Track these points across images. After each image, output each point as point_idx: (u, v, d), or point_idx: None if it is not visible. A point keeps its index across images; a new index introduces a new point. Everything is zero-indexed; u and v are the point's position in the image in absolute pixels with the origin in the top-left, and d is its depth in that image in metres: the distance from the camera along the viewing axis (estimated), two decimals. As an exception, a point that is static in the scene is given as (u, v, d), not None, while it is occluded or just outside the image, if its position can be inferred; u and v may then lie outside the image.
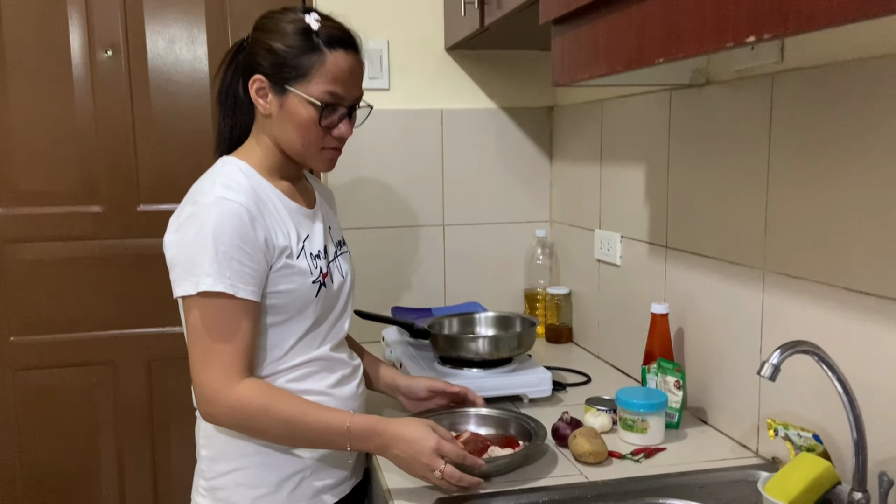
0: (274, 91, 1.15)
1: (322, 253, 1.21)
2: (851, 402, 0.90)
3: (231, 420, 1.09)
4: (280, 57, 1.13)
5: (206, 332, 1.06)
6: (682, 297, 1.44)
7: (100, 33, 1.93)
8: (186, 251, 1.07)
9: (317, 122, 1.14)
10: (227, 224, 1.06)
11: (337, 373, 1.23)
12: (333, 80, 1.13)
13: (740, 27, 0.76)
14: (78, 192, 1.96)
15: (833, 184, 1.04)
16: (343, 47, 1.14)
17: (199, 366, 1.08)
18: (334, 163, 1.22)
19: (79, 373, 2.01)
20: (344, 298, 1.28)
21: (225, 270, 1.05)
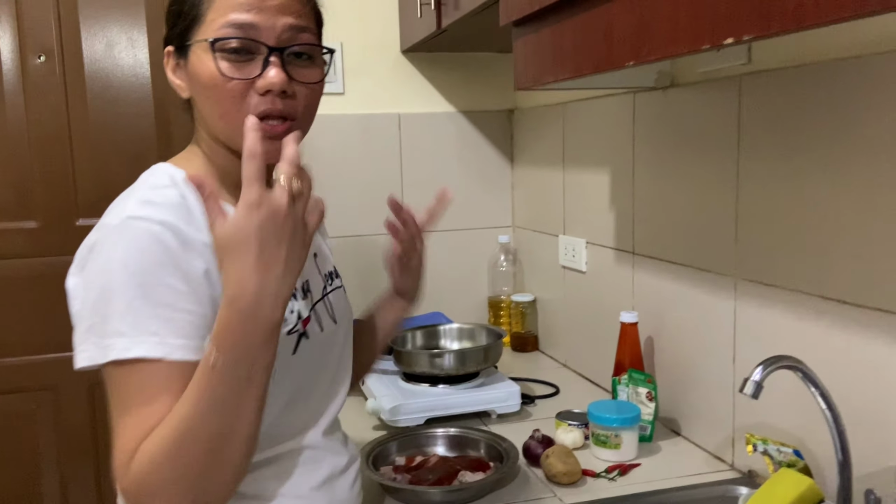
0: (181, 57, 0.84)
1: (301, 291, 0.90)
2: (836, 419, 0.87)
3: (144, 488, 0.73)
4: (173, 12, 0.85)
5: (124, 407, 0.75)
6: (652, 305, 1.40)
7: (32, 37, 1.80)
8: (90, 299, 0.76)
9: (216, 70, 0.79)
10: (144, 253, 0.75)
11: (326, 468, 0.90)
12: (233, 6, 0.79)
13: (718, 28, 0.72)
14: (11, 206, 1.83)
15: (806, 188, 1.01)
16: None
17: (113, 447, 0.76)
18: (277, 144, 0.76)
19: (17, 399, 1.88)
20: (339, 353, 0.96)
21: (146, 324, 0.74)
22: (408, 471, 1.16)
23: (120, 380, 0.74)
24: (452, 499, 1.08)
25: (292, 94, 0.81)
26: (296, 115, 0.82)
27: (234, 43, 0.79)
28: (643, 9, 0.83)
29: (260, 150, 0.70)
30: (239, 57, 0.79)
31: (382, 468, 1.18)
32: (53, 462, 1.93)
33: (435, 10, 1.55)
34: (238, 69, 0.79)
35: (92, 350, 0.75)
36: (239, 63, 0.80)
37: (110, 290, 0.74)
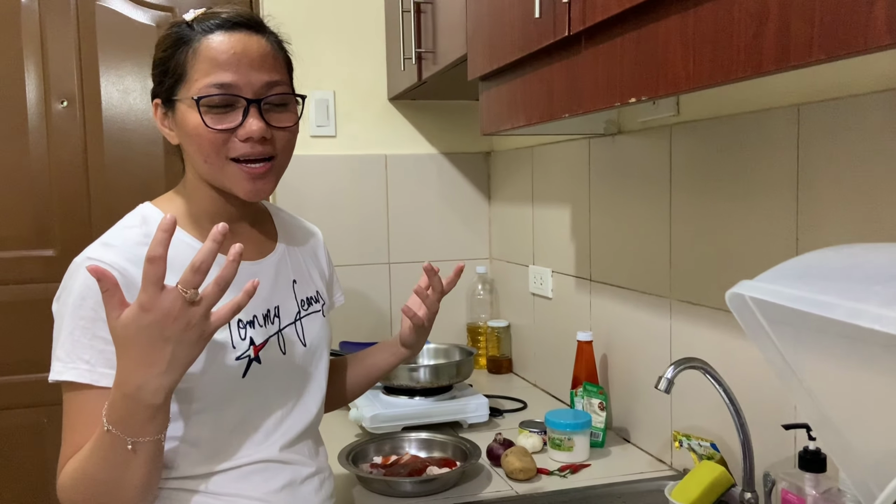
0: (168, 110, 0.94)
1: (261, 318, 0.96)
2: (737, 410, 1.04)
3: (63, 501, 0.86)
4: (158, 67, 0.94)
5: (65, 424, 0.86)
6: (605, 325, 1.57)
7: (56, 85, 2.01)
8: (55, 327, 0.88)
9: (202, 124, 0.89)
10: (90, 290, 0.83)
11: (286, 476, 0.97)
12: (215, 65, 0.89)
13: (625, 90, 0.91)
14: (31, 236, 2.02)
15: (719, 221, 1.20)
16: (223, 28, 0.91)
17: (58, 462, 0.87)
18: (259, 182, 0.92)
19: (30, 414, 2.03)
20: (303, 376, 1.01)
21: (81, 352, 0.84)
22: (383, 467, 1.32)
23: (64, 399, 0.87)
24: (421, 489, 1.24)
25: (270, 137, 0.93)
26: (274, 154, 0.94)
27: (217, 100, 0.89)
28: (574, 73, 1.02)
29: (159, 254, 0.73)
30: (221, 110, 0.90)
31: (361, 465, 1.33)
32: (60, 474, 2.07)
33: (416, 64, 1.75)
34: (219, 121, 0.90)
35: (51, 370, 0.86)
36: (221, 115, 0.90)
37: (61, 320, 0.87)
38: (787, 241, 1.06)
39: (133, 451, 0.80)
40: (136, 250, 0.87)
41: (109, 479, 0.82)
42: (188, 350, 0.78)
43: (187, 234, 0.95)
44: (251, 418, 0.95)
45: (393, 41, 1.98)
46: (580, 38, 0.99)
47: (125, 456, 0.80)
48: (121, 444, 0.79)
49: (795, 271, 0.51)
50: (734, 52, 0.71)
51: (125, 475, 0.81)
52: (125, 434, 0.78)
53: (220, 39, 0.91)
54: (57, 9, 2.00)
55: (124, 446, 0.79)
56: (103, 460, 0.81)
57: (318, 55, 2.06)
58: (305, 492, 0.99)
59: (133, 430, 0.79)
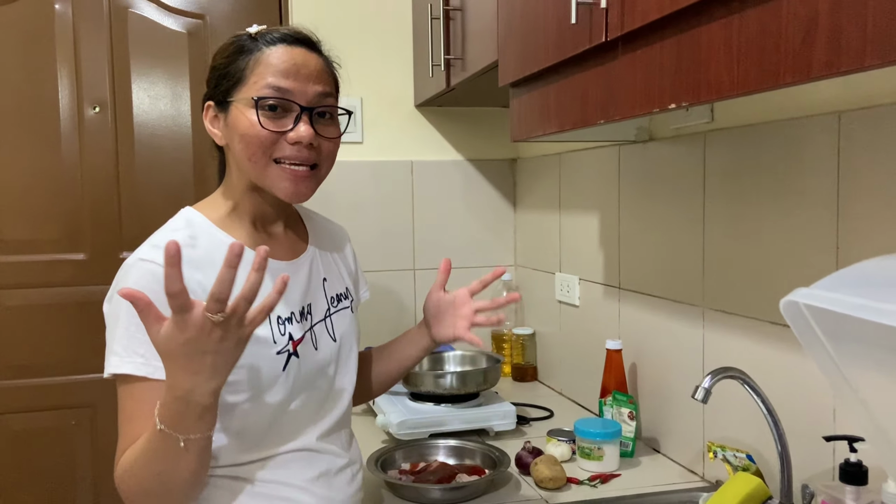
0: (220, 111, 1.00)
1: (297, 315, 1.02)
2: (775, 421, 1.02)
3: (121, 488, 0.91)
4: (217, 71, 1.00)
5: (121, 416, 0.91)
6: (635, 334, 1.56)
7: (88, 91, 2.04)
8: (108, 324, 0.92)
9: (258, 123, 0.94)
10: (143, 290, 0.82)
11: (322, 465, 1.02)
12: (274, 71, 0.96)
13: (664, 96, 0.90)
14: (62, 240, 2.04)
15: (756, 229, 1.18)
16: (286, 42, 0.99)
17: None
18: (300, 185, 0.98)
19: (59, 416, 2.05)
20: (334, 370, 1.07)
21: (136, 347, 0.88)
22: (412, 473, 1.31)
23: (119, 392, 0.91)
24: (450, 497, 1.23)
25: (317, 145, 0.99)
26: (319, 162, 1.00)
27: (273, 101, 0.96)
28: (610, 79, 1.01)
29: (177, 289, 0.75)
30: (274, 113, 0.96)
31: (389, 471, 1.33)
32: (89, 474, 2.09)
33: (445, 70, 1.75)
34: (272, 122, 0.96)
35: (105, 364, 0.91)
36: (273, 117, 0.96)
37: (115, 318, 0.91)
38: (826, 251, 1.04)
39: (185, 448, 0.83)
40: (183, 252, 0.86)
41: (162, 470, 0.86)
42: (228, 356, 0.81)
43: (227, 234, 0.99)
44: (289, 410, 0.99)
45: (421, 48, 1.99)
46: (617, 43, 0.98)
47: (177, 451, 0.83)
48: (173, 441, 0.83)
49: (854, 279, 0.50)
50: (782, 58, 0.70)
51: (177, 468, 0.85)
52: (177, 432, 0.82)
53: (282, 50, 0.98)
54: (90, 16, 2.03)
55: (176, 443, 0.83)
56: (156, 455, 0.85)
57: (346, 62, 2.04)
58: (339, 481, 1.04)
59: (184, 428, 0.82)
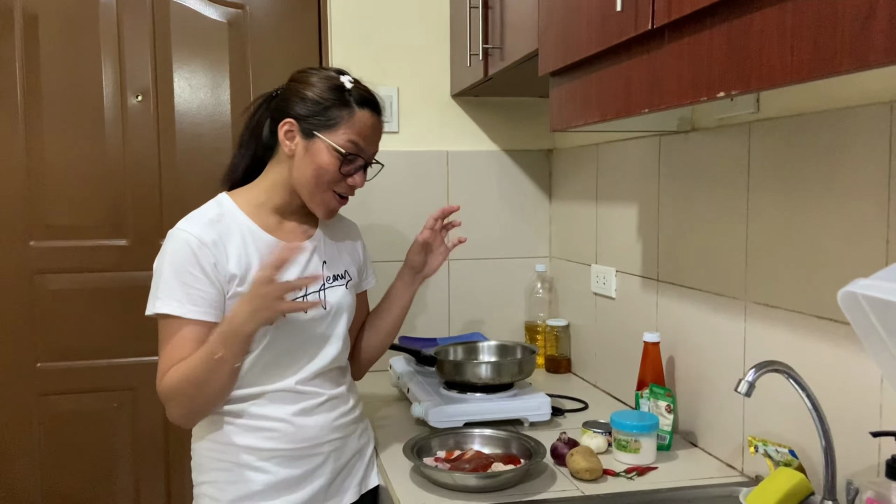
0: (302, 134, 1.27)
1: None
2: (820, 416, 1.00)
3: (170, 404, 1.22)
4: (314, 106, 1.27)
5: (162, 345, 1.22)
6: (673, 326, 1.54)
7: (131, 80, 2.07)
8: (154, 277, 1.23)
9: (337, 168, 1.26)
10: (177, 252, 1.20)
11: (300, 404, 1.29)
12: (358, 133, 1.27)
13: (712, 84, 0.88)
14: (105, 226, 2.08)
15: (802, 221, 1.16)
16: (370, 108, 1.29)
17: (156, 381, 1.23)
18: (334, 213, 1.34)
19: (101, 398, 2.10)
20: (320, 330, 1.32)
21: (173, 293, 1.19)
22: (447, 461, 1.32)
23: (160, 326, 1.23)
24: (486, 485, 1.23)
25: None
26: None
27: (352, 156, 1.28)
28: (655, 67, 1.00)
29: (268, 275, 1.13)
30: (348, 162, 1.28)
31: (424, 458, 1.34)
32: (129, 456, 2.14)
33: (483, 60, 1.74)
34: (345, 168, 1.28)
35: (150, 306, 1.23)
36: (346, 164, 1.28)
37: (160, 272, 1.22)
38: (876, 244, 1.02)
39: (218, 361, 1.17)
40: (214, 226, 1.25)
41: (202, 380, 1.18)
42: (263, 314, 1.15)
43: (249, 219, 1.29)
44: (278, 358, 1.27)
45: (458, 37, 1.98)
46: (663, 31, 0.97)
47: (217, 366, 1.17)
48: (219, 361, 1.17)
49: (916, 270, 0.49)
50: (838, 44, 0.69)
51: (210, 380, 1.18)
52: (223, 349, 1.16)
53: (369, 117, 1.29)
54: (133, 5, 2.06)
55: (222, 362, 1.17)
56: (203, 367, 1.17)
57: (383, 51, 2.07)
58: (319, 412, 1.31)
59: (228, 349, 1.16)
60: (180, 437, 2.15)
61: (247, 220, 1.28)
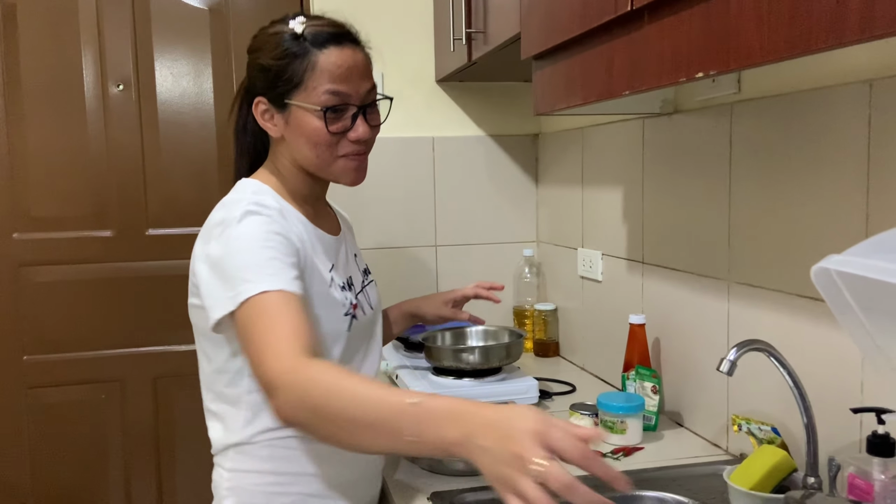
0: (277, 109, 1.09)
1: (348, 283, 1.15)
2: (802, 394, 1.01)
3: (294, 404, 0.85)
4: (271, 72, 1.07)
5: (255, 329, 0.92)
6: (658, 308, 1.55)
7: (112, 69, 2.05)
8: (220, 270, 0.98)
9: (325, 129, 1.06)
10: (259, 228, 0.99)
11: None
12: (331, 79, 1.05)
13: (691, 65, 0.88)
14: (90, 217, 2.07)
15: (784, 201, 1.17)
16: (334, 42, 1.07)
17: (258, 366, 0.90)
18: (362, 172, 1.13)
19: (88, 389, 2.10)
20: (372, 334, 1.20)
21: (266, 270, 0.96)
22: (436, 446, 1.32)
23: (248, 312, 0.93)
24: (473, 468, 1.23)
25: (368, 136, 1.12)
26: (370, 148, 1.14)
27: (335, 106, 1.06)
28: (636, 49, 1.00)
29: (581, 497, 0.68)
30: (335, 115, 1.07)
31: (414, 444, 1.34)
32: (119, 448, 2.14)
33: (466, 44, 1.74)
34: (334, 124, 1.07)
35: (226, 302, 0.95)
36: (334, 119, 1.07)
37: (237, 256, 0.97)
38: (856, 222, 1.03)
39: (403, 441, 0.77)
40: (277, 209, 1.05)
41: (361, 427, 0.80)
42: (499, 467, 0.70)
43: (293, 206, 1.10)
44: (347, 364, 1.11)
45: (442, 22, 1.97)
46: (643, 12, 0.97)
47: (388, 434, 0.78)
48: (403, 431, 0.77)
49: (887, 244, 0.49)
50: (814, 22, 0.69)
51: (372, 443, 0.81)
52: (419, 428, 0.75)
53: (335, 55, 1.06)
54: (113, -6, 2.04)
55: (401, 429, 0.77)
56: (376, 416, 0.79)
57: (366, 37, 2.05)
58: None
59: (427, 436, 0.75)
60: (171, 428, 2.15)
61: (294, 210, 1.10)
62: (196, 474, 1.96)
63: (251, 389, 1.06)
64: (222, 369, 1.08)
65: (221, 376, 1.09)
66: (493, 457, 0.69)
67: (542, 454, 0.67)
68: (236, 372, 1.07)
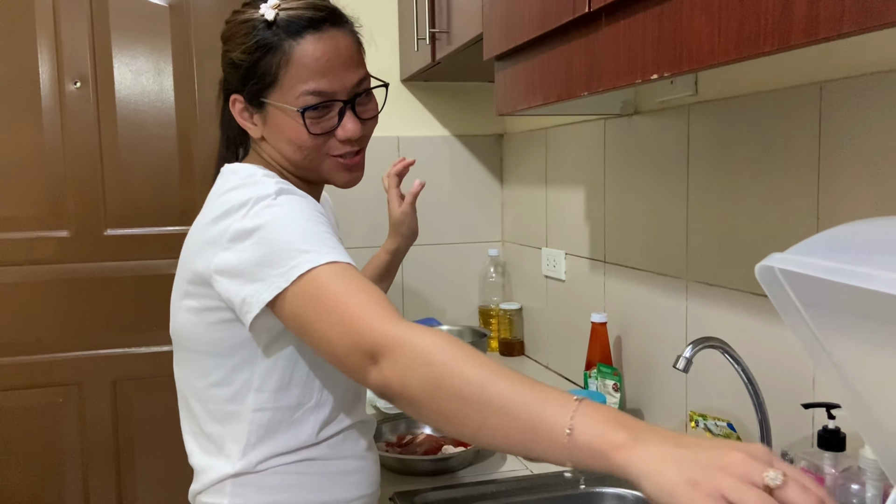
0: (254, 108, 0.96)
1: None
2: (755, 390, 1.04)
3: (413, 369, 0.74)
4: (241, 68, 0.94)
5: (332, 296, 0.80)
6: (620, 307, 1.57)
7: (69, 66, 2.01)
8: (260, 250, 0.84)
9: (305, 132, 0.92)
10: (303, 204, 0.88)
11: (368, 435, 1.05)
12: (310, 75, 0.91)
13: (646, 67, 0.90)
14: (45, 217, 2.02)
15: (738, 200, 1.19)
16: (312, 29, 0.92)
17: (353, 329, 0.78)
18: (357, 172, 1.00)
19: (45, 393, 2.05)
20: None
21: (325, 241, 0.85)
22: (398, 446, 1.32)
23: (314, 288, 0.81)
24: (437, 468, 1.24)
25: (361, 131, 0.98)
26: (365, 144, 1.00)
27: (316, 105, 0.92)
28: (594, 50, 1.01)
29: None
30: (318, 113, 0.93)
31: (376, 444, 1.34)
32: (77, 452, 2.09)
33: (430, 44, 1.74)
34: (319, 124, 0.94)
35: (275, 280, 0.82)
36: (318, 119, 0.93)
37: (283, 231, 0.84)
38: (807, 221, 1.05)
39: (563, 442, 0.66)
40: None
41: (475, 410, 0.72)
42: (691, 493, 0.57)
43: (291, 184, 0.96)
44: (351, 384, 0.98)
45: (406, 21, 1.97)
46: (600, 14, 0.98)
47: (524, 432, 0.69)
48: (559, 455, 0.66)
49: (828, 243, 0.51)
50: (762, 25, 0.70)
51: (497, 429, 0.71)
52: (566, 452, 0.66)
53: (312, 46, 0.91)
54: (69, -11, 2.00)
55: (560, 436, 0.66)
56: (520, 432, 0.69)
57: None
58: (374, 453, 1.07)
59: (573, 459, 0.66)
60: (130, 432, 2.11)
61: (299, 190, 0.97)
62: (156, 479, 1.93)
63: (258, 407, 0.93)
64: (222, 382, 0.94)
65: (221, 390, 0.94)
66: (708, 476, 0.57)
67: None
68: (242, 385, 0.93)
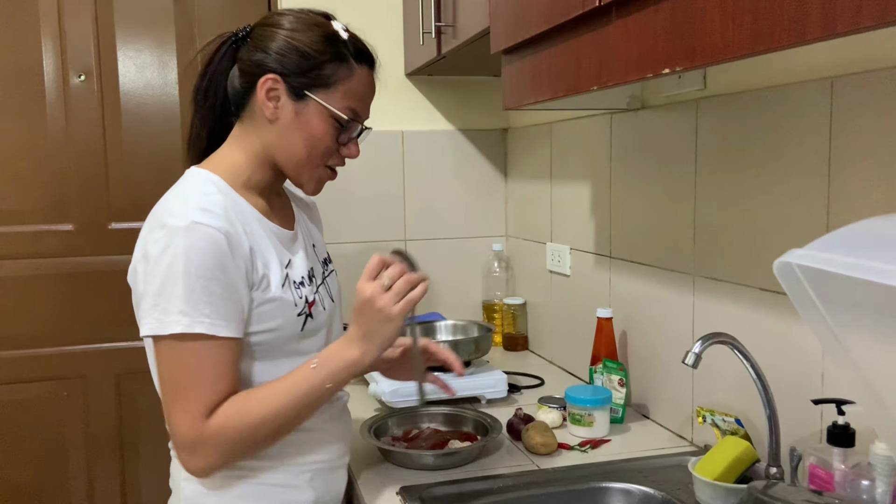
0: (290, 95, 1.03)
1: (306, 279, 1.09)
2: (764, 386, 1.03)
3: (220, 458, 0.97)
4: (304, 59, 1.02)
5: (182, 376, 0.94)
6: (626, 302, 1.57)
7: (73, 59, 2.00)
8: (156, 283, 0.93)
9: (334, 136, 1.05)
10: (205, 253, 0.92)
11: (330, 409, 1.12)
12: (358, 97, 1.07)
13: (657, 61, 0.89)
14: (50, 210, 2.02)
15: (747, 196, 1.18)
16: (368, 64, 1.09)
17: (175, 416, 0.95)
18: (323, 185, 1.12)
19: (49, 386, 2.05)
20: (334, 326, 1.15)
21: (202, 307, 0.92)
22: (404, 440, 1.32)
23: (177, 351, 0.94)
24: (443, 463, 1.24)
25: None
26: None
27: (350, 123, 1.06)
28: (603, 45, 1.00)
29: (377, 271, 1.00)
30: (346, 130, 1.07)
31: (382, 438, 1.34)
32: (81, 445, 2.09)
33: (435, 38, 1.73)
34: (342, 136, 1.07)
35: (154, 323, 0.93)
36: (344, 133, 1.07)
37: (175, 280, 0.92)
38: (817, 217, 1.05)
39: (326, 392, 1.00)
40: (229, 214, 0.99)
41: (299, 416, 1.00)
42: (385, 330, 1.00)
43: (245, 201, 1.04)
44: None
45: (411, 15, 1.96)
46: (610, 8, 0.97)
47: (318, 392, 0.99)
48: (320, 381, 0.99)
49: (847, 239, 0.50)
50: (776, 20, 0.70)
51: (307, 414, 1.01)
52: (332, 373, 0.99)
53: (367, 77, 1.09)
54: (73, -19, 1.99)
55: (323, 383, 0.99)
56: (302, 402, 0.99)
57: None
58: (341, 417, 1.16)
59: (337, 383, 1.00)
60: (134, 425, 2.11)
61: (247, 205, 1.04)
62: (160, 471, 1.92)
63: None
64: None
65: None
66: (373, 327, 0.99)
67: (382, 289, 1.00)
68: None
